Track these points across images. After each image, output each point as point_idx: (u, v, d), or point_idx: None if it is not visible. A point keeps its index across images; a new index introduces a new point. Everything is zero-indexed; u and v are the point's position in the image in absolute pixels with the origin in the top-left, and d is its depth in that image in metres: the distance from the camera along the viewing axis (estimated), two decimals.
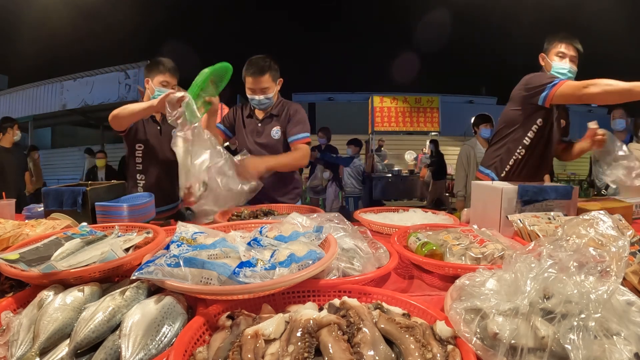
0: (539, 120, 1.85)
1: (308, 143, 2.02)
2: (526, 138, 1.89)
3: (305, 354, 0.55)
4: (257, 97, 1.92)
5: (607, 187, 3.61)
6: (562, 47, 1.82)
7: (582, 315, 0.55)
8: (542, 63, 1.91)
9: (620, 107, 3.63)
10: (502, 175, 1.98)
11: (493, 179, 1.96)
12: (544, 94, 1.72)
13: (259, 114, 2.06)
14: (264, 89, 1.90)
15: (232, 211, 1.65)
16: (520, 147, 1.92)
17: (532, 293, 0.60)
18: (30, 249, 0.93)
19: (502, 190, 1.36)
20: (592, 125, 1.76)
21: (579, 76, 1.81)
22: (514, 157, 1.94)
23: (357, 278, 0.90)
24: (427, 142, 8.72)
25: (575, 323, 0.55)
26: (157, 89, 1.90)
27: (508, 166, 1.96)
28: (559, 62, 1.82)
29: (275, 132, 2.04)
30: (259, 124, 2.05)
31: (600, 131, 1.73)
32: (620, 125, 3.55)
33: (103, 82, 8.13)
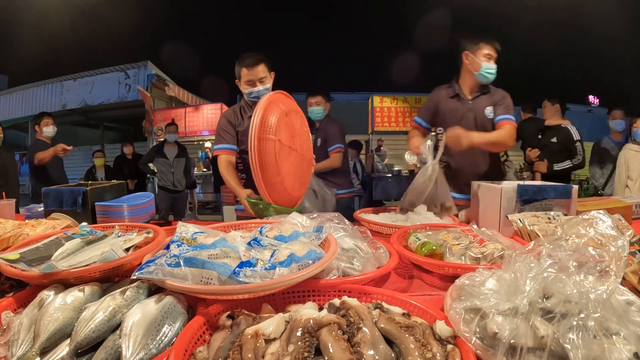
0: (438, 128, 1.94)
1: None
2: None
3: (305, 354, 0.55)
4: (256, 89, 1.85)
5: (604, 187, 3.62)
6: (488, 49, 1.89)
7: (582, 315, 0.55)
8: (467, 61, 1.94)
9: (620, 107, 3.62)
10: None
11: None
12: None
13: None
14: (262, 79, 1.85)
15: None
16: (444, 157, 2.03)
17: (532, 293, 0.60)
18: (31, 249, 0.93)
19: (501, 189, 1.36)
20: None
21: (576, 75, 1.84)
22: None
23: (357, 278, 0.90)
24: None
25: (574, 323, 0.55)
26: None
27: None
28: (487, 62, 1.88)
29: None
30: None
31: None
32: (620, 125, 3.55)
33: (103, 82, 8.11)
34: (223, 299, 0.75)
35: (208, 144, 8.13)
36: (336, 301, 0.70)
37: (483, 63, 1.87)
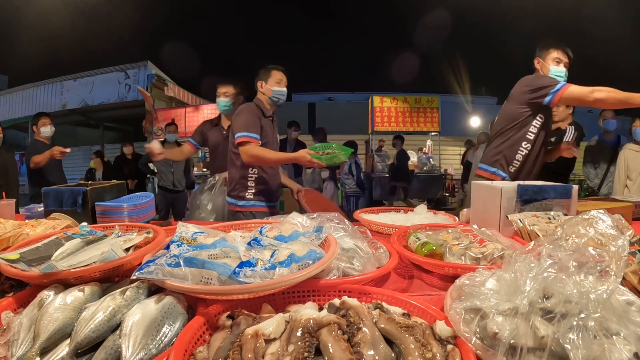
0: (539, 116, 1.92)
1: None
2: (529, 133, 1.95)
3: (306, 354, 0.55)
4: (283, 89, 2.05)
5: (599, 187, 3.62)
6: (557, 54, 1.92)
7: (582, 315, 0.55)
8: (538, 66, 1.97)
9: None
10: (512, 170, 1.99)
11: (501, 176, 1.98)
12: (550, 95, 1.81)
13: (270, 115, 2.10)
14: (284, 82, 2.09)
15: None
16: (525, 142, 1.97)
17: (532, 293, 0.60)
18: (31, 249, 0.93)
19: (501, 189, 1.36)
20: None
21: (576, 79, 1.87)
22: (519, 152, 1.98)
23: (357, 278, 0.90)
24: (428, 142, 8.76)
25: (574, 323, 0.55)
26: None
27: (516, 162, 1.99)
28: (556, 67, 1.91)
29: (276, 133, 2.21)
30: (272, 125, 2.10)
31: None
32: (612, 125, 3.56)
33: (103, 82, 8.12)
34: (223, 299, 0.75)
35: None
36: (336, 301, 0.70)
37: (552, 67, 1.88)
